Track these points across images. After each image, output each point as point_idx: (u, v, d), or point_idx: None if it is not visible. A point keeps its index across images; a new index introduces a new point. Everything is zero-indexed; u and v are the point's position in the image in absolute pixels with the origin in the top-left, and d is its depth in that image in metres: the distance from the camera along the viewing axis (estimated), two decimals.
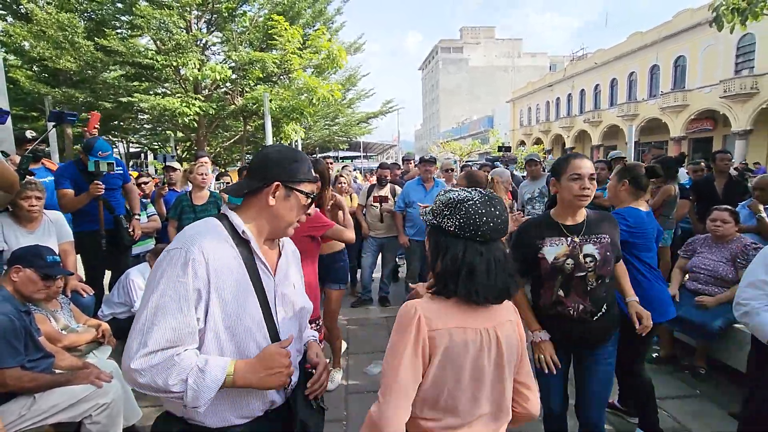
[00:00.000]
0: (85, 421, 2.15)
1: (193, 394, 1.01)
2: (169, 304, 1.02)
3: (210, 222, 1.19)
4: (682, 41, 23.44)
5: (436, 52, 65.91)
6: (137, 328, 1.02)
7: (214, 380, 1.02)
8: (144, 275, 3.33)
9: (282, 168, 1.21)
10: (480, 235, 1.08)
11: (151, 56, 11.61)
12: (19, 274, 2.11)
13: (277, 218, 1.22)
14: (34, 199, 2.77)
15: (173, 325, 1.02)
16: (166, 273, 1.05)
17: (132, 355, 0.99)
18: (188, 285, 1.04)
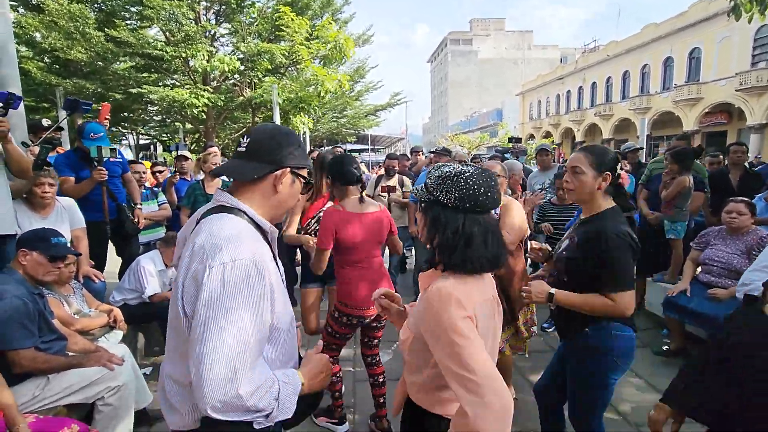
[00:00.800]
0: (97, 403, 2.18)
1: (282, 407, 1.02)
2: (255, 325, 0.98)
3: (236, 222, 1.07)
4: (698, 33, 22.93)
5: (445, 44, 65.27)
6: (227, 357, 0.92)
7: (296, 391, 1.06)
8: (155, 262, 3.36)
9: (288, 152, 1.14)
10: (479, 205, 1.11)
11: (160, 47, 11.66)
12: (27, 258, 2.12)
13: (279, 205, 1.18)
14: (47, 185, 2.80)
15: (258, 338, 1.00)
16: (245, 292, 0.97)
17: (238, 382, 0.93)
18: (265, 294, 1.01)
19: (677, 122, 24.50)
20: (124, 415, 2.26)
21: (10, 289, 1.99)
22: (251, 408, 0.96)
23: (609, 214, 1.70)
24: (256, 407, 0.96)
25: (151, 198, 4.19)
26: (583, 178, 1.70)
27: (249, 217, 1.11)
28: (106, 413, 2.19)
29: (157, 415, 2.70)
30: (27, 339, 1.98)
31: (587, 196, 1.73)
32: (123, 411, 2.25)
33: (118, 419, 2.22)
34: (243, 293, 0.96)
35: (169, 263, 3.46)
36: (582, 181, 1.70)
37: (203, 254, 0.98)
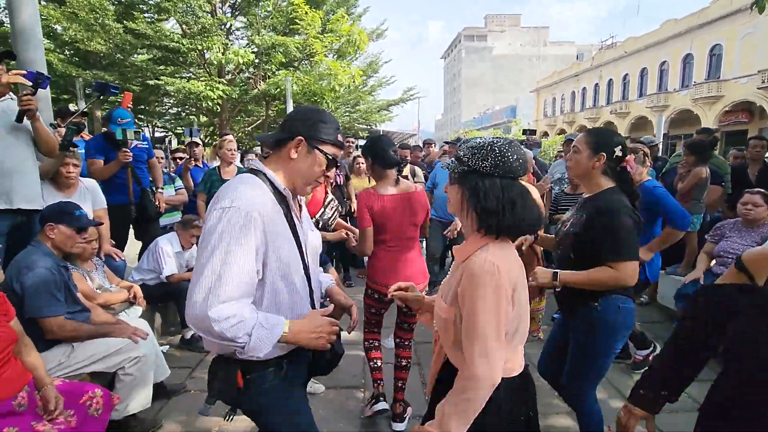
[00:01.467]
0: (119, 372, 2.27)
1: (255, 345, 1.12)
2: (235, 260, 1.10)
3: (252, 179, 1.22)
4: (719, 29, 22.38)
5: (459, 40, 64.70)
6: (204, 281, 1.09)
7: (274, 336, 1.15)
8: (172, 243, 3.45)
9: (306, 124, 1.26)
10: (512, 170, 1.17)
11: (177, 40, 11.82)
12: (54, 231, 2.21)
13: (295, 173, 1.28)
14: (72, 166, 2.91)
15: (241, 280, 1.11)
16: (228, 230, 1.10)
17: (208, 304, 1.07)
18: (251, 243, 1.12)
19: (696, 121, 23.99)
20: (144, 385, 2.35)
21: (39, 261, 2.09)
22: (218, 333, 1.08)
23: (610, 192, 1.79)
24: (224, 335, 1.09)
25: (168, 183, 4.29)
26: (577, 157, 1.82)
27: (268, 179, 1.25)
28: (127, 383, 2.28)
29: (174, 388, 2.80)
30: (57, 307, 2.08)
31: (582, 174, 1.85)
32: (142, 381, 2.34)
33: (138, 389, 2.31)
34: (229, 235, 1.11)
35: (186, 245, 3.56)
36: (577, 160, 1.83)
37: (214, 201, 1.18)
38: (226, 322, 1.08)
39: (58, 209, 2.28)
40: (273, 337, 1.15)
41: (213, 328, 1.08)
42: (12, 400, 1.68)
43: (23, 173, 2.37)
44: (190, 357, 3.33)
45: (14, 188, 2.31)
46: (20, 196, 2.34)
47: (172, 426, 2.48)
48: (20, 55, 2.84)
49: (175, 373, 3.02)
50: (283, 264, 1.22)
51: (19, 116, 2.30)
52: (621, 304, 1.77)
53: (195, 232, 3.57)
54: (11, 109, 2.33)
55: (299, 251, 1.29)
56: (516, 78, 59.18)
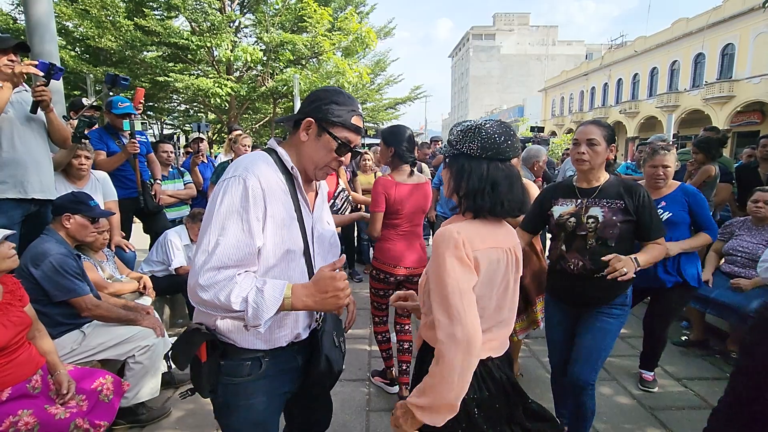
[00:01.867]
0: (129, 360, 2.31)
1: (254, 312, 1.04)
2: (232, 227, 1.07)
3: (261, 154, 1.22)
4: (732, 28, 22.06)
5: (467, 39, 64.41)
6: (201, 248, 1.07)
7: (272, 300, 1.06)
8: (180, 236, 3.49)
9: (318, 106, 1.20)
10: (500, 152, 1.18)
11: (186, 37, 11.90)
12: (70, 221, 2.27)
13: (305, 156, 1.23)
14: (84, 158, 2.95)
15: (236, 246, 1.07)
16: (226, 199, 1.08)
17: (197, 271, 1.05)
18: (249, 211, 1.09)
19: (706, 121, 23.68)
20: (153, 374, 2.38)
21: (54, 248, 2.14)
22: (208, 301, 1.05)
23: (618, 178, 1.93)
24: (217, 300, 1.04)
25: (177, 177, 4.33)
26: (598, 149, 1.85)
27: (278, 156, 1.23)
28: (137, 371, 2.31)
29: (182, 378, 2.83)
30: (84, 287, 2.16)
31: (598, 167, 1.89)
32: (152, 370, 2.37)
33: (147, 377, 2.35)
34: (228, 202, 1.09)
35: (195, 238, 3.59)
36: (597, 152, 1.85)
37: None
38: (216, 287, 1.04)
39: (74, 199, 2.33)
40: (274, 301, 1.06)
41: (203, 295, 1.04)
42: (26, 383, 1.71)
43: (37, 163, 2.41)
44: None
45: (28, 178, 2.35)
46: (34, 186, 2.38)
47: (180, 414, 2.52)
48: (35, 48, 2.89)
49: None
50: (280, 241, 1.16)
51: (33, 107, 2.33)
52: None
53: None
54: (26, 101, 2.38)
55: (302, 233, 1.22)
56: (524, 77, 58.83)
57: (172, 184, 4.26)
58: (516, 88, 57.86)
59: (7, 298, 1.72)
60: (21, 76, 2.26)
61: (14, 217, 2.32)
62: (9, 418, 1.61)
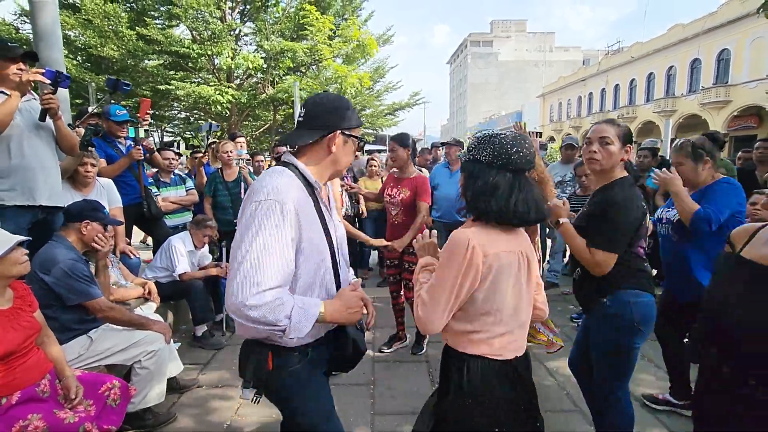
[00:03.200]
0: (135, 366, 2.33)
1: (295, 327, 1.17)
2: (274, 250, 1.15)
3: (285, 171, 1.28)
4: (728, 33, 22.27)
5: (465, 45, 64.88)
6: (243, 270, 1.12)
7: (311, 316, 1.20)
8: (185, 242, 3.52)
9: (339, 116, 1.31)
10: (511, 162, 1.23)
11: (187, 45, 12.02)
12: (88, 227, 2.30)
13: (337, 164, 1.36)
14: (89, 165, 2.98)
15: (279, 268, 1.16)
16: (265, 222, 1.15)
17: (246, 293, 1.11)
18: (287, 234, 1.18)
19: (703, 125, 23.83)
20: (159, 379, 2.40)
21: (65, 254, 2.17)
22: (256, 320, 1.13)
23: (621, 182, 1.78)
24: (265, 318, 1.13)
25: (179, 183, 4.35)
26: (611, 149, 1.75)
27: (299, 171, 1.30)
28: (143, 376, 2.33)
29: (187, 384, 2.84)
30: (96, 290, 2.20)
31: (611, 167, 1.78)
32: (158, 375, 2.39)
33: (153, 382, 2.37)
34: (266, 226, 1.15)
35: (199, 245, 3.62)
36: (610, 152, 1.75)
37: (249, 194, 1.24)
38: (266, 307, 1.12)
39: (90, 207, 2.38)
40: (311, 317, 1.20)
41: (252, 314, 1.11)
42: (35, 387, 1.73)
43: (46, 170, 2.44)
44: (202, 354, 3.38)
45: (37, 185, 2.38)
46: (42, 193, 2.41)
47: (186, 420, 2.53)
48: (41, 55, 2.94)
49: (187, 370, 3.07)
50: (314, 254, 1.28)
51: (41, 115, 2.37)
52: (633, 299, 1.74)
53: (207, 231, 3.63)
54: (34, 109, 2.41)
55: (329, 243, 1.34)
56: (522, 83, 59.16)
57: (174, 190, 4.28)
58: (514, 94, 58.18)
59: (17, 303, 1.75)
60: (28, 84, 2.30)
61: (22, 223, 2.34)
62: (19, 422, 1.62)
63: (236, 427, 2.47)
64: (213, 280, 3.66)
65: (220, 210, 4.21)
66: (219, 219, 4.10)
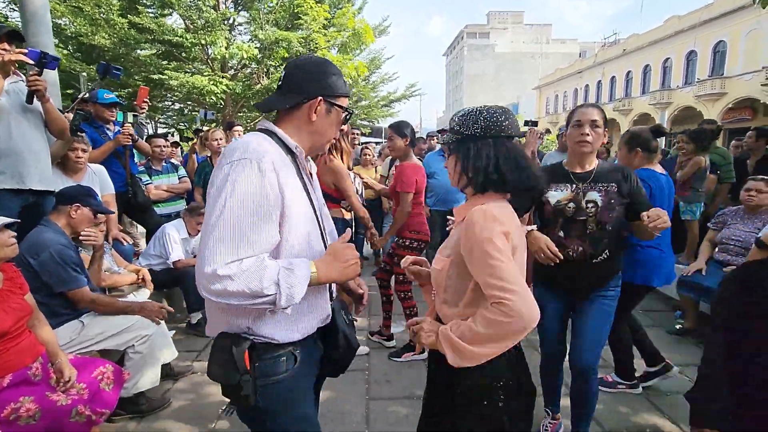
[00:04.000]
0: (128, 351, 2.32)
1: (287, 292, 1.00)
2: (250, 215, 0.99)
3: (262, 136, 1.13)
4: (724, 25, 22.27)
5: (461, 37, 64.45)
6: (216, 236, 0.97)
7: (303, 276, 1.03)
8: (179, 230, 3.49)
9: (322, 82, 1.16)
10: (503, 130, 1.20)
11: (180, 34, 11.84)
12: (77, 212, 2.27)
13: (317, 134, 1.21)
14: (80, 151, 2.94)
15: (259, 232, 1.00)
16: (239, 183, 0.99)
17: (219, 262, 0.95)
18: (266, 194, 1.02)
19: (699, 118, 23.83)
20: (153, 364, 2.39)
21: (54, 238, 2.14)
22: (238, 292, 0.96)
23: (607, 164, 1.96)
24: (249, 288, 0.97)
25: (171, 171, 4.30)
26: (599, 131, 1.87)
27: (279, 138, 1.16)
28: (136, 361, 2.32)
29: (182, 370, 2.84)
30: (82, 279, 2.15)
31: (597, 150, 1.92)
32: (151, 360, 2.38)
33: (147, 367, 2.36)
34: (240, 185, 1.00)
35: (192, 232, 3.59)
36: (598, 134, 1.87)
37: (219, 161, 1.08)
38: (246, 274, 0.96)
39: (84, 192, 2.34)
40: (303, 278, 1.03)
41: (230, 287, 0.95)
42: (27, 370, 1.72)
43: (35, 154, 2.40)
44: (197, 341, 3.37)
45: (26, 169, 2.34)
46: (32, 177, 2.37)
47: (180, 404, 2.52)
48: (29, 40, 2.88)
49: (182, 357, 3.06)
50: (300, 224, 1.12)
51: (28, 97, 2.32)
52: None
53: (201, 219, 3.60)
54: (22, 91, 2.36)
55: (314, 212, 1.20)
56: (518, 75, 58.99)
57: (166, 178, 4.24)
58: (510, 86, 58.01)
59: (7, 285, 1.72)
60: (11, 65, 2.25)
61: (12, 208, 2.31)
62: (11, 405, 1.61)
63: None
64: None
65: None
66: None
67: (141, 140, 3.87)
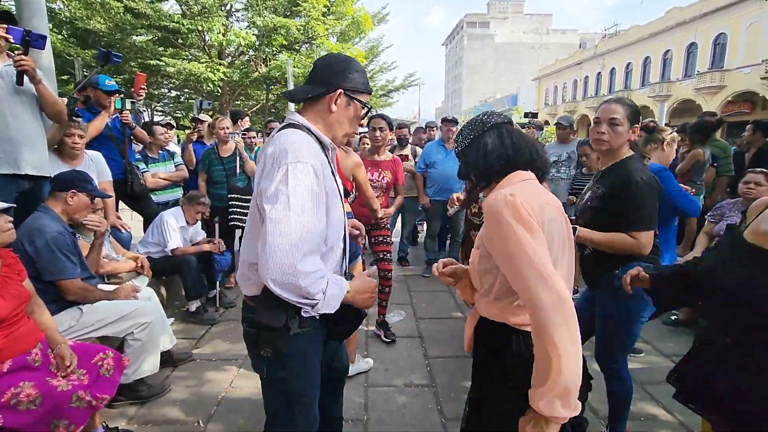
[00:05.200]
0: (127, 338, 2.32)
1: (327, 303, 1.15)
2: (311, 214, 1.10)
3: (300, 134, 1.21)
4: (725, 17, 22.13)
5: (461, 26, 63.85)
6: (282, 230, 1.06)
7: (341, 295, 1.19)
8: (177, 218, 3.47)
9: (344, 75, 1.25)
10: (492, 119, 1.26)
11: (177, 20, 11.67)
12: (74, 198, 2.24)
13: (335, 125, 1.29)
14: (77, 137, 2.90)
15: (317, 233, 1.13)
16: (300, 185, 1.09)
17: (296, 257, 1.06)
18: (321, 196, 1.16)
19: (697, 111, 23.85)
20: (152, 350, 2.40)
21: (50, 225, 2.12)
22: (303, 289, 1.08)
23: (630, 162, 1.78)
24: (307, 291, 1.09)
25: (168, 159, 4.26)
26: (620, 129, 1.75)
27: (311, 131, 1.25)
28: (136, 348, 2.33)
29: (181, 357, 2.85)
30: (73, 269, 2.13)
31: (618, 148, 1.79)
32: (151, 347, 2.38)
33: (147, 354, 2.36)
34: (302, 187, 1.10)
35: (191, 221, 3.58)
36: (619, 133, 1.75)
37: (273, 158, 1.15)
38: (312, 276, 1.09)
39: (80, 177, 2.31)
40: (341, 296, 1.18)
41: (299, 283, 1.07)
42: (26, 356, 1.71)
43: (30, 138, 2.36)
44: (196, 329, 3.38)
45: (21, 153, 2.31)
46: (27, 162, 2.34)
47: (180, 391, 2.54)
48: (23, 24, 2.81)
49: (181, 344, 3.08)
50: (335, 217, 1.25)
51: (18, 78, 2.26)
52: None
53: (200, 208, 3.59)
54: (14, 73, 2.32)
55: (342, 204, 1.32)
56: (518, 66, 58.64)
57: (162, 166, 4.19)
58: (510, 76, 57.68)
59: (5, 272, 1.71)
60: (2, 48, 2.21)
61: (8, 193, 2.28)
62: (11, 390, 1.61)
63: (231, 399, 2.48)
64: (206, 256, 3.63)
65: (215, 185, 4.18)
66: (212, 194, 4.08)
67: (138, 127, 3.83)
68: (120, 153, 3.56)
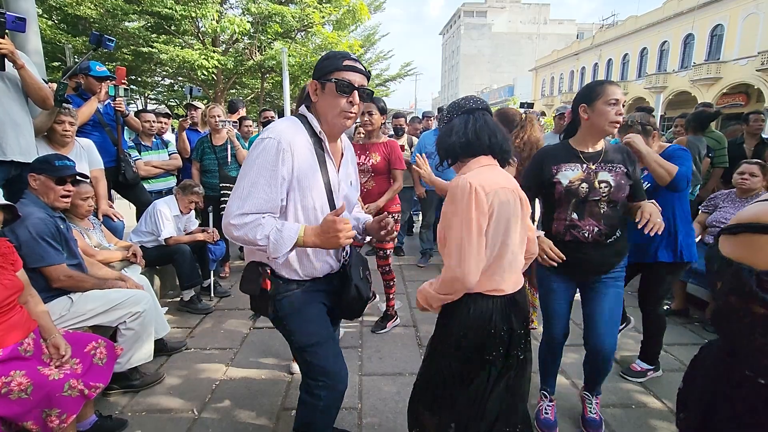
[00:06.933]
0: (120, 327, 2.31)
1: (274, 246, 1.31)
2: (262, 182, 1.32)
3: (294, 120, 1.44)
4: (723, 8, 22.05)
5: (458, 15, 63.17)
6: (236, 195, 1.33)
7: (289, 237, 1.32)
8: (170, 206, 3.44)
9: (316, 70, 1.44)
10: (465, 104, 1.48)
11: (170, 6, 11.42)
12: (36, 182, 2.18)
13: (325, 109, 1.43)
14: (68, 124, 2.85)
15: (264, 197, 1.32)
16: (261, 157, 1.32)
17: (231, 213, 1.32)
18: (278, 169, 1.33)
19: (693, 102, 23.88)
20: (145, 339, 2.39)
21: (33, 211, 2.07)
22: (242, 236, 1.32)
23: (613, 144, 1.98)
24: (246, 236, 1.32)
25: (161, 147, 4.21)
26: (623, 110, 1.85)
27: (308, 121, 1.45)
28: (129, 337, 2.31)
29: (175, 346, 2.84)
30: (57, 256, 2.09)
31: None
32: (144, 335, 2.37)
33: (140, 343, 2.35)
34: (261, 161, 1.32)
35: (184, 210, 3.54)
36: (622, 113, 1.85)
37: (260, 135, 1.40)
38: (246, 227, 1.31)
39: (41, 159, 2.25)
40: (288, 239, 1.31)
41: (235, 232, 1.32)
42: (18, 346, 1.70)
43: (16, 125, 2.31)
44: (189, 318, 3.37)
45: (6, 140, 2.26)
46: (13, 148, 2.29)
47: (174, 380, 2.53)
48: (10, 7, 2.75)
49: (175, 333, 3.07)
50: (308, 197, 1.40)
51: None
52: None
53: (194, 197, 3.55)
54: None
55: (327, 191, 1.45)
56: (515, 56, 58.28)
57: (156, 154, 4.14)
58: (507, 67, 57.35)
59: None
60: None
61: None
62: (1, 379, 1.59)
63: (225, 388, 2.48)
64: (200, 245, 3.61)
65: (207, 174, 4.14)
66: (205, 183, 4.04)
67: (131, 115, 3.78)
68: (112, 141, 3.51)
